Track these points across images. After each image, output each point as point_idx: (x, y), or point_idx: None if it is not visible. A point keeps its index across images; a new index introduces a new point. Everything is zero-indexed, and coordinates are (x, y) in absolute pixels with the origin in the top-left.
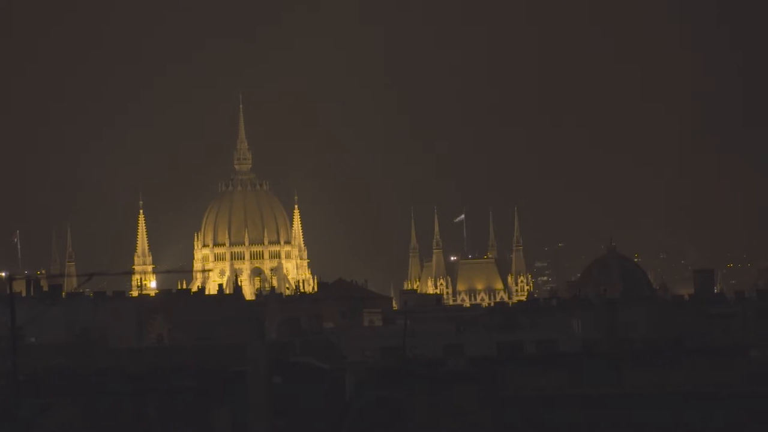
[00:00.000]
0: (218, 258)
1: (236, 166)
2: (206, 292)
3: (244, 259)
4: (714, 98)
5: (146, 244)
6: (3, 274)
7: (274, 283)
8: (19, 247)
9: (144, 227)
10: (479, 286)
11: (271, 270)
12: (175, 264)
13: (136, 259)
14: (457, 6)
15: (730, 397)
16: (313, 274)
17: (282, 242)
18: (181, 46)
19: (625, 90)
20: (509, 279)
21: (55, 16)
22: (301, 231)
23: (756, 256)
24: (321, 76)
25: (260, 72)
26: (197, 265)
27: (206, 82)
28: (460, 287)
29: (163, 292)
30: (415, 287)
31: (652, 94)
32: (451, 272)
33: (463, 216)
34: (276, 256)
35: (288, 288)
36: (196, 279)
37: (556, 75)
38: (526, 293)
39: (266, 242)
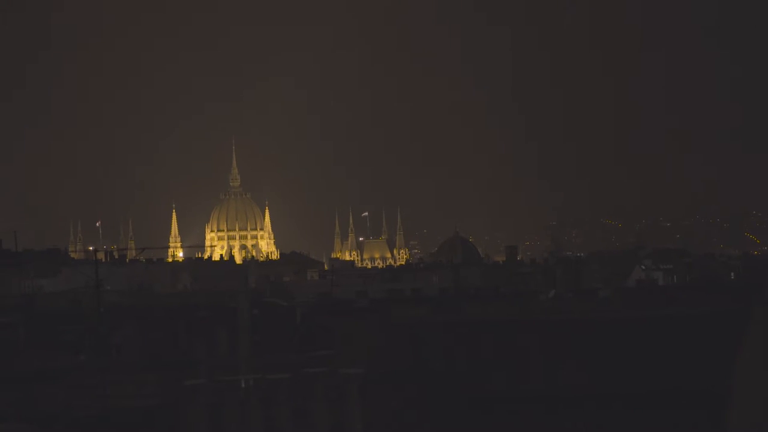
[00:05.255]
0: (220, 239)
1: (231, 183)
2: (213, 259)
3: (235, 239)
4: None
5: (177, 230)
6: (91, 247)
7: (254, 253)
8: (100, 231)
9: (176, 219)
10: (377, 255)
11: (252, 246)
12: (195, 242)
13: (170, 239)
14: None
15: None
16: (276, 248)
17: (258, 229)
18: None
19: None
20: (395, 251)
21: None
22: (269, 223)
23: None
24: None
25: (246, 125)
26: (208, 243)
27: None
28: (365, 256)
29: (187, 259)
30: (338, 256)
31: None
32: (359, 247)
33: (366, 213)
34: (255, 237)
35: (261, 257)
36: (207, 251)
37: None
38: (404, 260)
39: (248, 229)
